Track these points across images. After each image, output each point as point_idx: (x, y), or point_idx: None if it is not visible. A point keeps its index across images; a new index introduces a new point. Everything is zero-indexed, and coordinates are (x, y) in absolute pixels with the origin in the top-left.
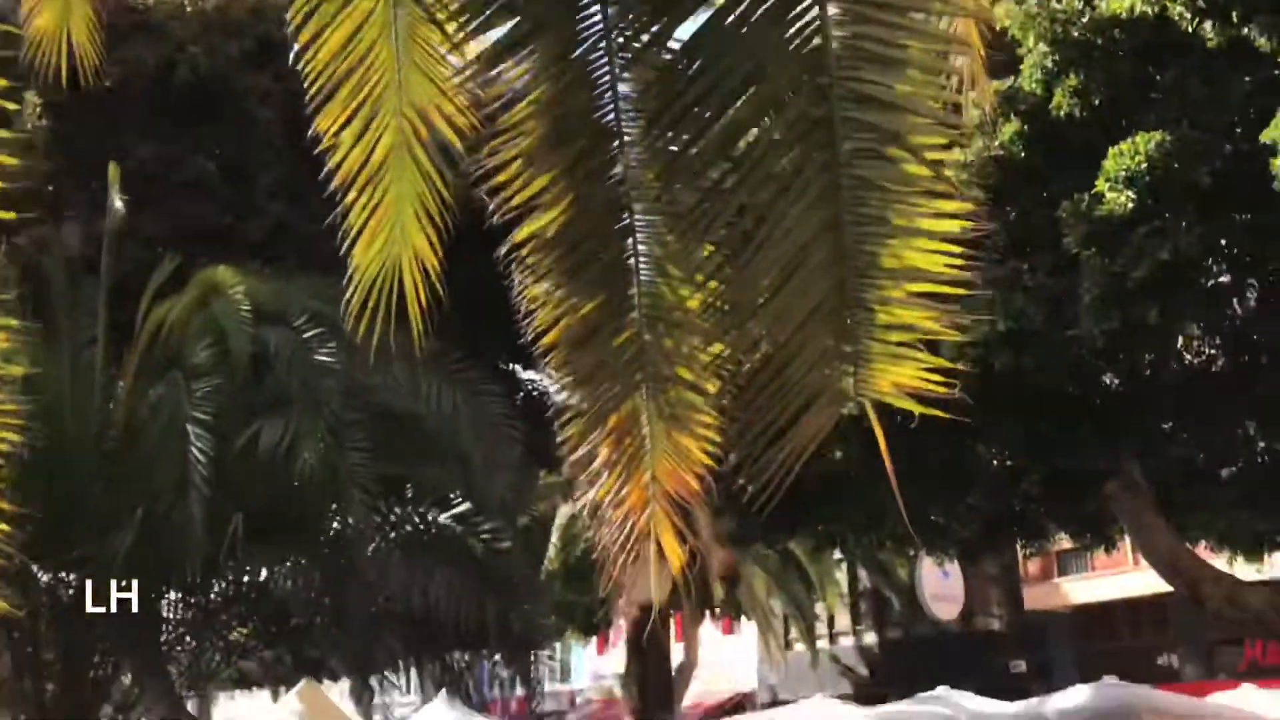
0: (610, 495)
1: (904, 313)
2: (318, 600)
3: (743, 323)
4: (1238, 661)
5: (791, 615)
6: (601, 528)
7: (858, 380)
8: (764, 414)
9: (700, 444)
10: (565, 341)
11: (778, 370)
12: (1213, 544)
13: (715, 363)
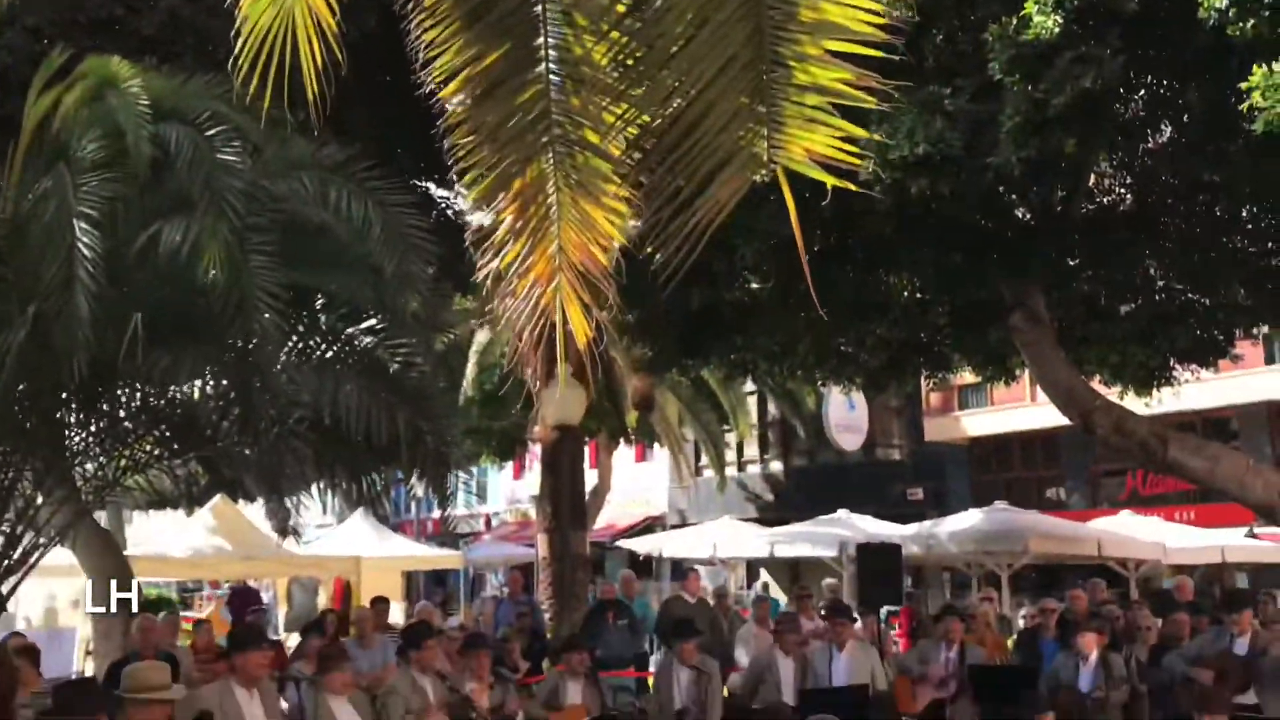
0: (516, 263)
1: (821, 73)
2: (226, 409)
3: (652, 75)
4: (1120, 492)
5: (702, 442)
6: (506, 299)
7: (771, 144)
8: (673, 178)
9: (608, 215)
10: (468, 95)
11: (688, 130)
12: (1106, 378)
13: (623, 123)
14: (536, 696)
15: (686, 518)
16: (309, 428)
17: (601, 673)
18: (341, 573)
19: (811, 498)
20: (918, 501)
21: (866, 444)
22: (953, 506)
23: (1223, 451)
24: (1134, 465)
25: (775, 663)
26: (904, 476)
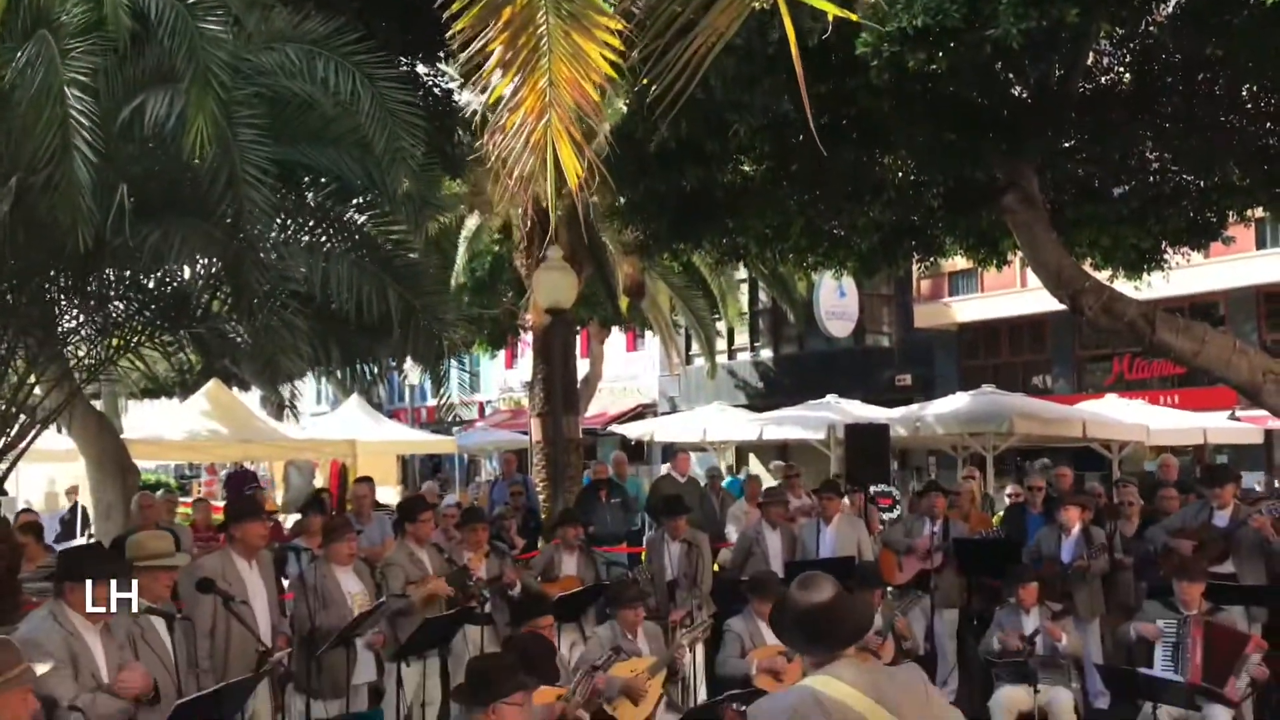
0: (506, 99)
1: None
2: (217, 286)
3: None
4: (1106, 377)
5: (693, 329)
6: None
7: None
8: (670, 1)
9: (600, 49)
10: None
11: None
12: (1097, 261)
13: None
14: (532, 568)
15: (677, 405)
16: (300, 305)
17: (595, 548)
18: (337, 456)
19: (801, 385)
20: (906, 387)
21: (856, 331)
22: (940, 392)
23: (1210, 333)
24: (1120, 349)
25: (763, 536)
26: (893, 363)
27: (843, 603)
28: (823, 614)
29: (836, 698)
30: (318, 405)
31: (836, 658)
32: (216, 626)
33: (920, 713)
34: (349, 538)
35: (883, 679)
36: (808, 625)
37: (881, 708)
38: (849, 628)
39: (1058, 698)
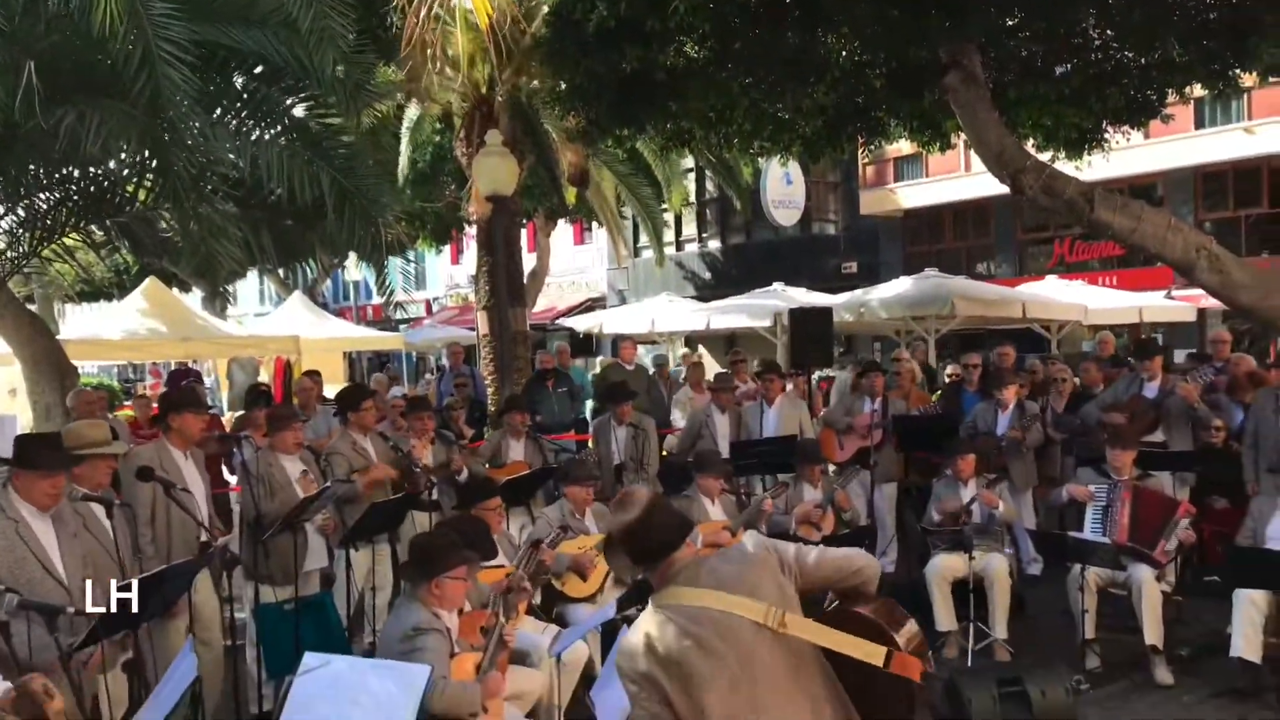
0: None
1: None
2: (141, 172)
3: None
4: (1047, 260)
5: (640, 219)
6: None
7: None
8: None
9: None
10: None
11: None
12: (1039, 141)
13: None
14: (480, 456)
15: (626, 299)
16: (230, 191)
17: (543, 436)
18: (281, 352)
19: (748, 275)
20: (851, 275)
21: (803, 219)
22: (886, 279)
23: (1146, 210)
24: (1061, 232)
25: (712, 419)
26: (839, 251)
27: (657, 510)
28: (641, 527)
29: (694, 605)
30: (261, 305)
31: (672, 564)
32: (157, 515)
33: (776, 579)
34: (294, 426)
35: (727, 565)
36: (631, 543)
37: (738, 595)
38: (672, 532)
39: (992, 563)
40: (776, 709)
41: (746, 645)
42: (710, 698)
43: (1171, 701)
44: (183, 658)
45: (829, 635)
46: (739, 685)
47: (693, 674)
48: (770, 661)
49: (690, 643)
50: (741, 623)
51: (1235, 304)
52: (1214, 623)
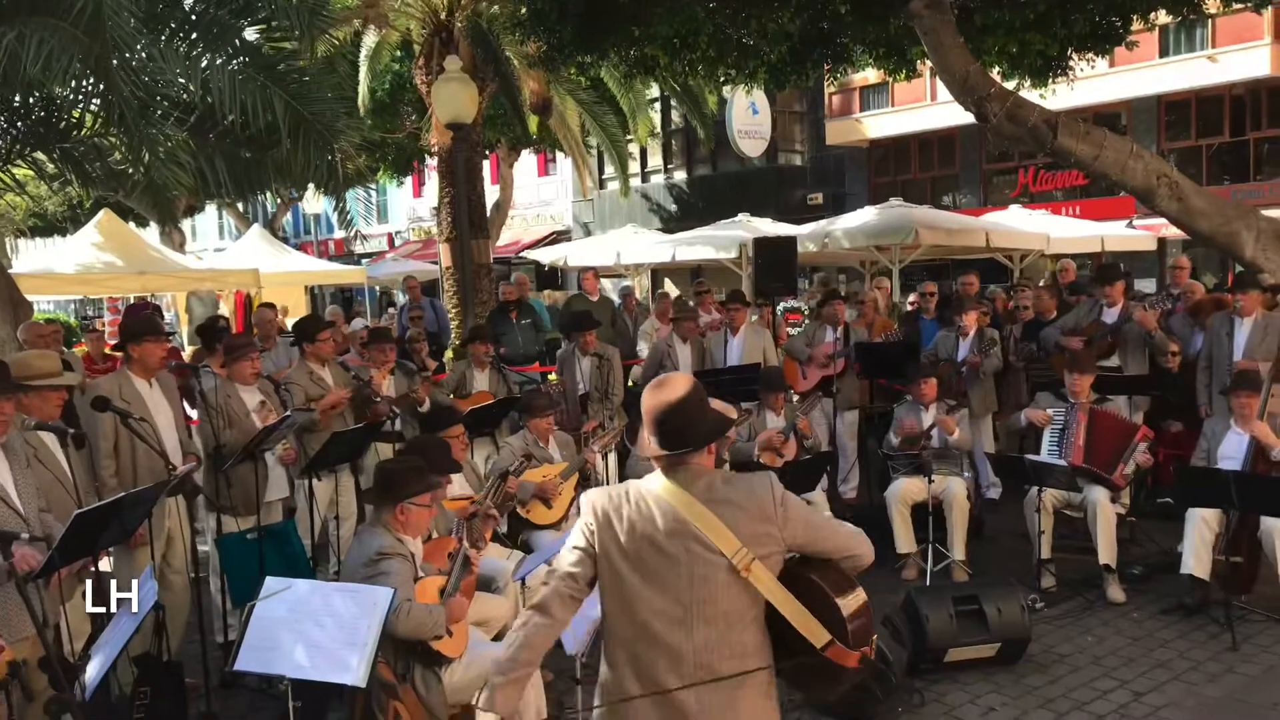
0: None
1: None
2: (87, 95)
3: None
4: (1011, 189)
5: (605, 150)
6: None
7: None
8: None
9: None
10: None
11: None
12: (1004, 69)
13: None
14: (444, 387)
15: (591, 231)
16: (181, 115)
17: (507, 368)
18: (240, 286)
19: (714, 207)
20: (817, 206)
21: (769, 150)
22: (851, 210)
23: (1109, 138)
24: (1026, 161)
25: (674, 349)
26: (805, 182)
27: (695, 403)
28: (673, 411)
29: (654, 490)
30: (220, 240)
31: (684, 464)
32: (120, 446)
33: (757, 526)
34: (252, 356)
35: (726, 488)
36: (659, 423)
37: (703, 505)
38: (701, 430)
39: (951, 486)
40: (701, 639)
41: (702, 570)
42: (643, 594)
43: (1123, 618)
44: (142, 583)
45: (786, 601)
46: (676, 598)
47: (637, 565)
48: (717, 597)
49: (649, 537)
50: (709, 549)
51: (1194, 231)
52: (1166, 543)
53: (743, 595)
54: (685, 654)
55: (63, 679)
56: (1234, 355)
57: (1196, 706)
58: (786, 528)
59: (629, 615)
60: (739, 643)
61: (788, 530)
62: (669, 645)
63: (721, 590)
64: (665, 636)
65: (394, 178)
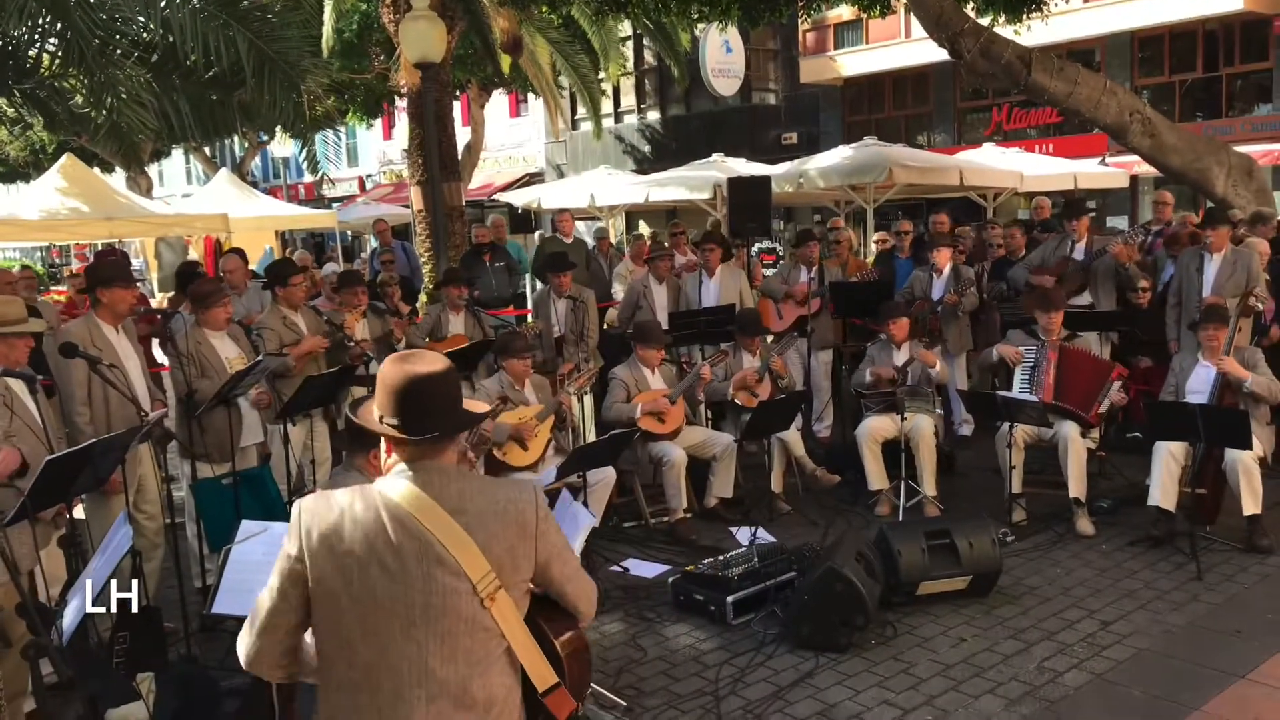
0: None
1: None
2: (44, 34)
3: None
4: (985, 128)
5: (578, 90)
6: None
7: None
8: None
9: None
10: None
11: None
12: (979, 5)
13: None
14: (419, 329)
15: (564, 173)
16: (142, 53)
17: (482, 311)
18: (209, 231)
19: (688, 147)
20: (792, 145)
21: (743, 89)
22: (826, 149)
23: (1083, 74)
24: (1000, 99)
25: (649, 290)
26: (779, 121)
27: (451, 383)
28: (422, 385)
29: (390, 497)
30: (188, 186)
31: (432, 461)
32: (93, 393)
33: (514, 545)
34: (223, 302)
35: (476, 491)
36: (402, 396)
37: (451, 518)
38: (452, 416)
39: (918, 423)
40: (438, 686)
41: (441, 600)
42: (369, 631)
43: (1091, 550)
44: (117, 529)
45: (524, 638)
46: (410, 636)
47: (362, 595)
48: (458, 633)
49: (379, 559)
50: (454, 573)
51: (1166, 167)
52: (1134, 476)
53: (488, 631)
54: (416, 706)
55: (39, 624)
56: (1203, 290)
57: (1162, 634)
58: (540, 551)
59: (348, 658)
60: (483, 688)
61: (541, 554)
62: (398, 694)
63: (464, 625)
64: (394, 683)
65: (363, 120)
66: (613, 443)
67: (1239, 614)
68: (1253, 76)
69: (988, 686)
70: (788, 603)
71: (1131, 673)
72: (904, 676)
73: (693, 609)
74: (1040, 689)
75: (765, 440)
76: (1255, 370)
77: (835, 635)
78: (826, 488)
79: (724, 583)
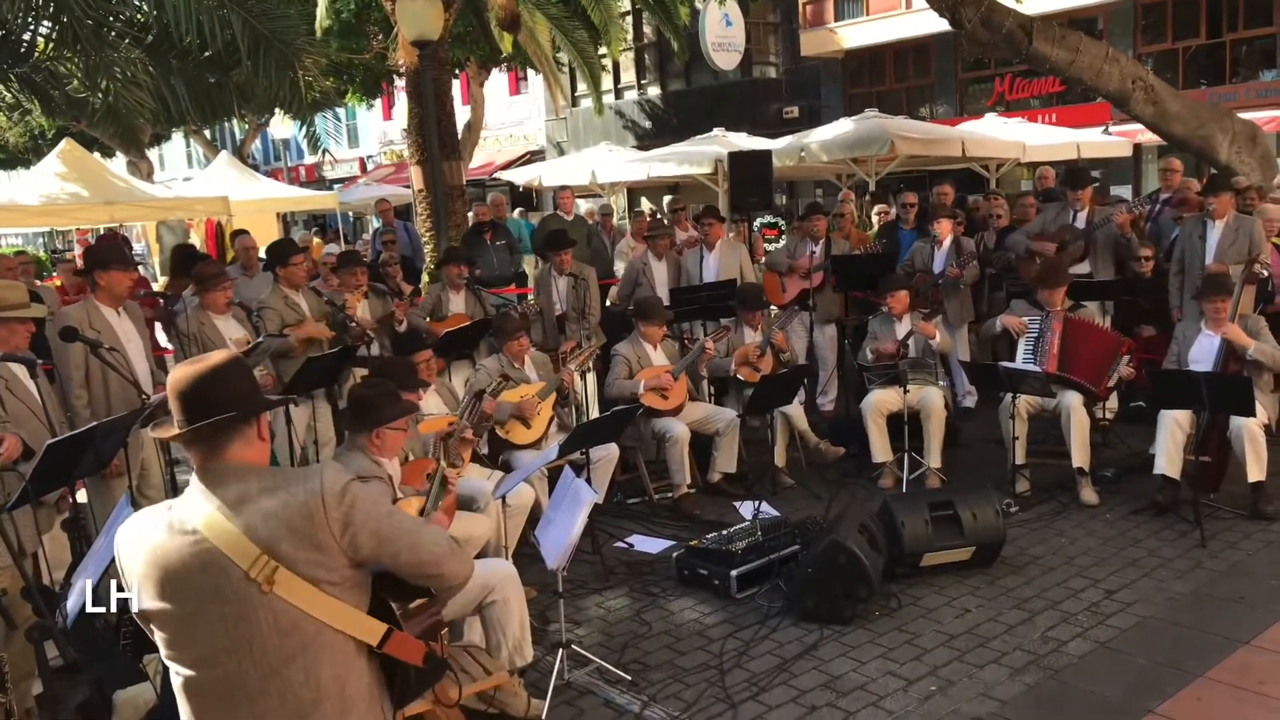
0: None
1: None
2: (38, 15)
3: None
4: (987, 98)
5: (577, 66)
6: None
7: None
8: None
9: None
10: None
11: None
12: None
13: None
14: (420, 309)
15: (565, 150)
16: (137, 35)
17: (483, 290)
18: (210, 214)
19: (689, 122)
20: (793, 119)
21: (743, 63)
22: (827, 122)
23: (1085, 42)
24: (1002, 69)
25: (649, 266)
26: (780, 95)
27: (232, 371)
28: (201, 379)
29: (182, 510)
30: (189, 169)
31: (218, 459)
32: (92, 376)
33: (304, 536)
34: (224, 285)
35: (258, 489)
36: (181, 394)
37: (224, 516)
38: (235, 397)
39: (928, 395)
40: (269, 704)
41: (236, 606)
42: (196, 656)
43: (1095, 519)
44: (120, 510)
45: (326, 605)
46: (229, 654)
47: (178, 617)
48: (265, 636)
49: (182, 578)
50: (232, 570)
51: (1169, 135)
52: (1138, 446)
53: (294, 620)
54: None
55: (43, 606)
56: (1206, 258)
57: (1165, 602)
58: (346, 536)
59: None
60: (314, 684)
61: (347, 540)
62: (238, 714)
63: (265, 625)
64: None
65: (363, 100)
66: (615, 419)
67: (1243, 581)
68: (1257, 42)
69: (992, 656)
70: (792, 576)
71: (1136, 640)
72: (908, 647)
73: (697, 583)
74: (1044, 658)
75: (768, 415)
76: (1258, 338)
77: (839, 607)
78: (830, 461)
79: (728, 557)
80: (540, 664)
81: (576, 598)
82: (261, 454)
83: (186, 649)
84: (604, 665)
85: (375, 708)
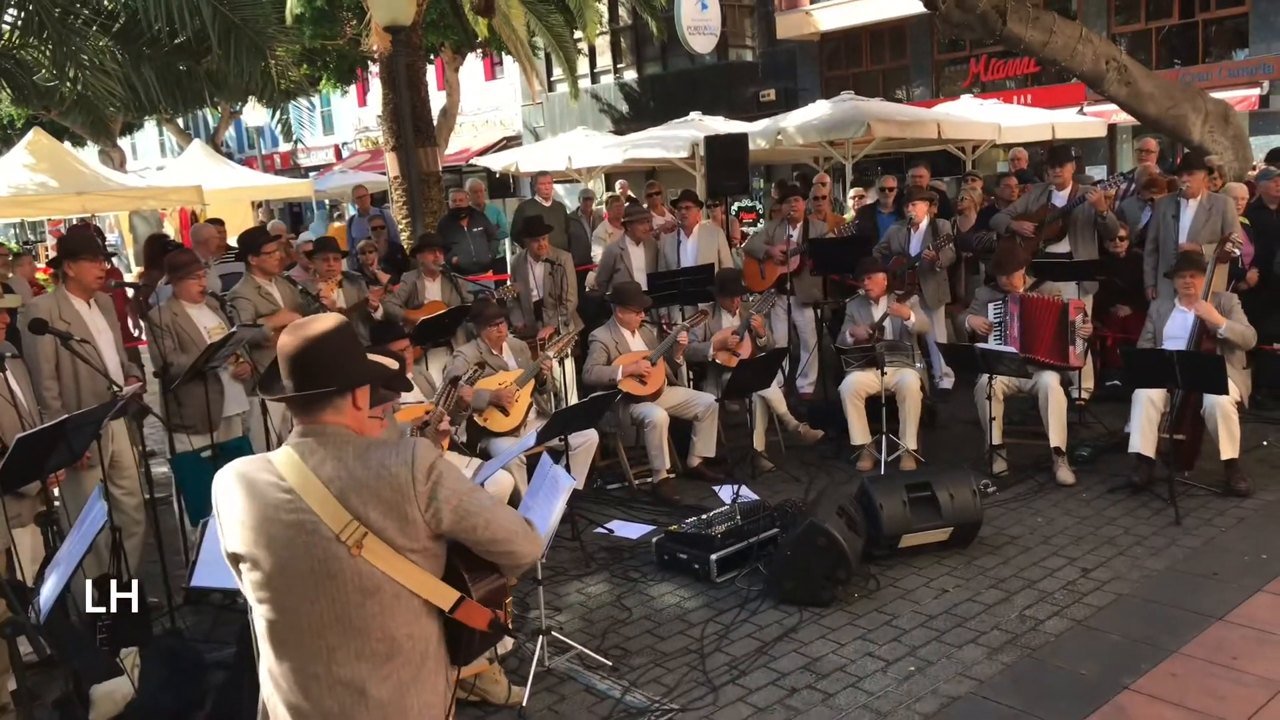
0: None
1: None
2: (3, 2)
3: None
4: (963, 80)
5: (553, 50)
6: None
7: None
8: None
9: None
10: None
11: None
12: None
13: None
14: (397, 296)
15: (541, 135)
16: (106, 21)
17: (461, 277)
18: (183, 203)
19: (666, 106)
20: (770, 102)
21: (720, 46)
22: (804, 105)
23: (1058, 22)
24: (977, 51)
25: (626, 252)
26: (757, 78)
27: (344, 338)
28: (311, 346)
29: (275, 465)
30: (163, 159)
31: (318, 424)
32: (62, 368)
33: (390, 508)
34: (197, 274)
35: (353, 457)
36: (292, 360)
37: (320, 480)
38: (344, 370)
39: (904, 377)
40: (345, 656)
41: (324, 563)
42: (289, 601)
43: (1072, 499)
44: (91, 505)
45: (406, 569)
46: (313, 601)
47: (271, 561)
48: (344, 580)
49: (274, 526)
50: (324, 532)
51: (1143, 115)
52: (1114, 425)
53: (377, 582)
54: (325, 670)
55: (15, 601)
56: (1180, 237)
57: (1141, 579)
58: (430, 510)
59: (290, 626)
60: (389, 639)
61: (430, 513)
62: (313, 657)
63: (350, 584)
64: (308, 648)
65: (337, 87)
66: (594, 405)
67: (1217, 557)
68: (1228, 22)
69: (970, 636)
70: (771, 559)
71: (1111, 618)
72: (887, 628)
73: (677, 568)
74: (1022, 637)
75: (747, 399)
76: (1230, 316)
77: (818, 590)
78: (809, 444)
79: (708, 541)
80: (520, 651)
81: (556, 584)
82: (357, 421)
83: (273, 595)
84: (585, 651)
85: (441, 665)
